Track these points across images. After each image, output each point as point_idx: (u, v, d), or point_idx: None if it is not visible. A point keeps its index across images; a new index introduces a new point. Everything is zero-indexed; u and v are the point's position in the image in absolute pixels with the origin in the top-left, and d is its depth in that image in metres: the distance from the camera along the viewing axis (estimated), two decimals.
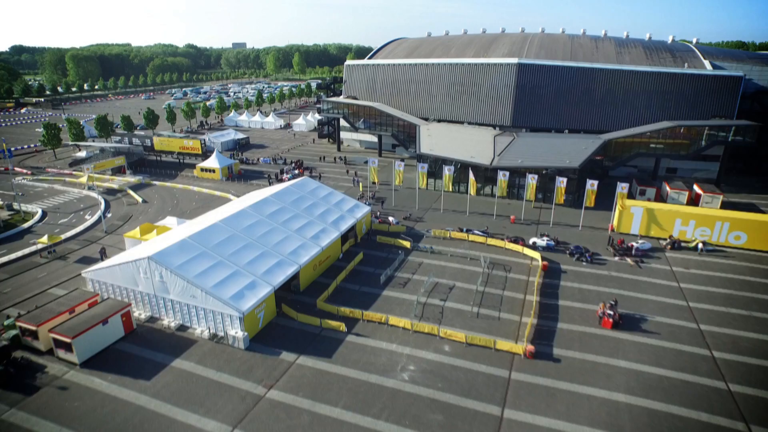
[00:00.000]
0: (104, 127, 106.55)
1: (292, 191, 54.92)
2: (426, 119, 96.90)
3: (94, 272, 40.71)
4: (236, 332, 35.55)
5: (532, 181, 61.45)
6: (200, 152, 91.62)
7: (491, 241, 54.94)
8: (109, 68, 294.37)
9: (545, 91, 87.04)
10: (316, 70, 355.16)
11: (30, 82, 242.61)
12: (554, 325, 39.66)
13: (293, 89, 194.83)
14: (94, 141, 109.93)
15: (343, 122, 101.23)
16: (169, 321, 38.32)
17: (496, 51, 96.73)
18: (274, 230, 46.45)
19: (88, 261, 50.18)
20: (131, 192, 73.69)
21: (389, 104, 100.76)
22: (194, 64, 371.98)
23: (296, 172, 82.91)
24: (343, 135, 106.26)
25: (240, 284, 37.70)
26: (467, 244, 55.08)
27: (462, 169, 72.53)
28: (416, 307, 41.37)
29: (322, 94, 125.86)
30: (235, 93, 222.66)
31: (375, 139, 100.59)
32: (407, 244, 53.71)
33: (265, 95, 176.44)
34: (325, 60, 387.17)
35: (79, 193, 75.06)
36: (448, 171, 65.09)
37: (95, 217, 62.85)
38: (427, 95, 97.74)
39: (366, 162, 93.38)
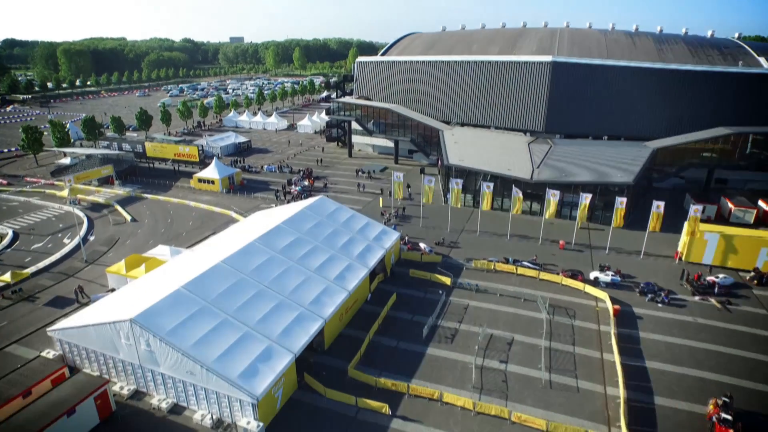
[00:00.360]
0: (92, 130, 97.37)
1: (307, 216, 46.08)
2: (447, 123, 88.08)
3: (63, 332, 31.92)
4: (248, 422, 26.91)
5: (585, 200, 52.78)
6: (197, 160, 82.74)
7: (544, 276, 46.33)
8: (103, 63, 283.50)
9: (582, 93, 78.20)
10: (317, 65, 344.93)
11: (19, 78, 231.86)
12: (650, 400, 31.16)
13: (295, 86, 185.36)
14: (81, 145, 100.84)
15: (355, 125, 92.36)
16: (159, 400, 29.64)
17: (523, 47, 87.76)
18: (289, 270, 37.68)
19: (61, 304, 41.37)
20: (119, 208, 64.75)
21: (406, 106, 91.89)
22: (191, 59, 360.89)
23: (306, 183, 74.14)
24: (355, 139, 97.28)
25: (252, 353, 28.99)
26: (516, 278, 46.47)
27: (497, 182, 63.97)
28: (473, 374, 32.85)
29: (330, 93, 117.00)
30: (234, 90, 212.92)
31: (390, 144, 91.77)
32: (447, 281, 45.01)
33: (266, 92, 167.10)
34: (326, 55, 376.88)
35: (59, 209, 66.02)
36: (487, 188, 56.27)
37: (74, 242, 53.95)
38: (449, 96, 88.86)
39: (382, 170, 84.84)
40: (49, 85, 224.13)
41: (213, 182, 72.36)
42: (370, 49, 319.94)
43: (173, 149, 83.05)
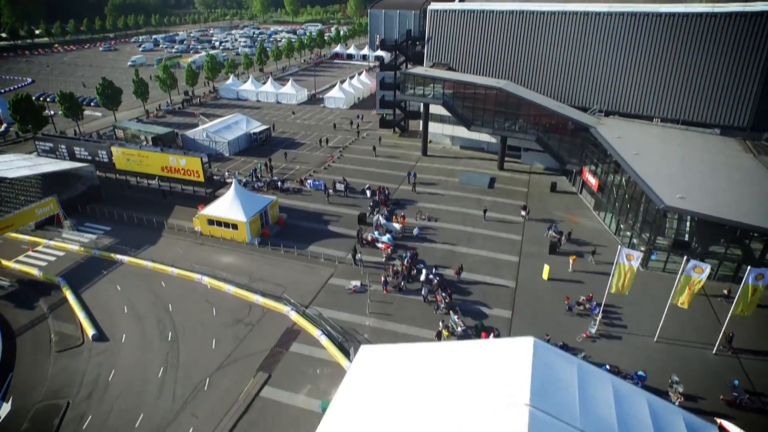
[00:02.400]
0: (31, 116, 64.23)
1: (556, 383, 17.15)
2: (583, 110, 57.78)
3: None
4: None
5: None
6: (201, 176, 49.01)
7: None
8: (57, 8, 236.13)
9: None
10: (309, 10, 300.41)
11: None
12: None
13: (302, 38, 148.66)
14: (3, 139, 67.76)
15: (435, 108, 61.19)
16: None
17: None
18: None
19: None
20: (71, 302, 34.21)
21: (518, 82, 61.05)
22: (163, 3, 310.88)
23: (396, 226, 43.78)
24: (414, 124, 66.34)
25: None
26: None
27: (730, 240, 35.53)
28: None
29: (383, 55, 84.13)
30: (221, 43, 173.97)
31: (476, 135, 61.40)
32: None
33: (268, 47, 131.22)
34: None
35: None
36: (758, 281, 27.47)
37: None
38: (587, 69, 57.83)
39: (491, 185, 53.82)
40: None
41: (235, 226, 41.94)
42: None
43: (160, 160, 49.48)
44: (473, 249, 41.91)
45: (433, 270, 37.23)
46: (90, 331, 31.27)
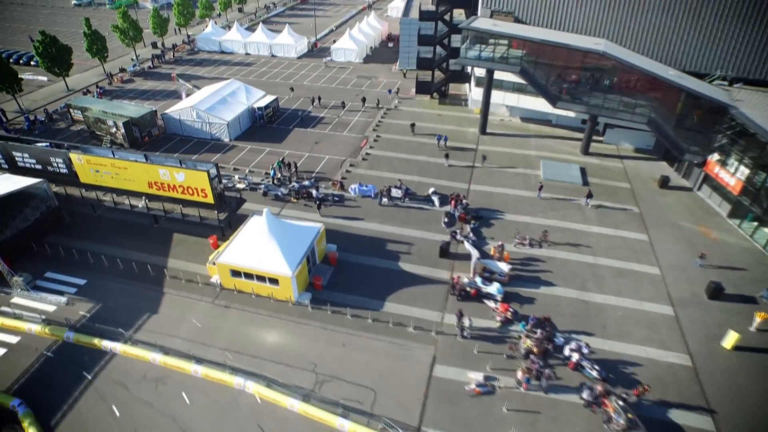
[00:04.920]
0: None
1: None
2: (698, 77, 44.45)
3: None
4: None
5: None
6: (209, 196, 32.53)
7: None
8: None
9: None
10: None
11: None
12: None
13: None
14: None
15: (503, 74, 46.84)
16: None
17: None
18: None
19: None
20: None
21: (612, 39, 46.86)
22: None
23: (503, 267, 30.56)
24: (455, 88, 51.97)
25: None
26: None
27: None
28: None
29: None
30: None
31: (540, 106, 47.95)
32: None
33: None
34: None
35: None
36: None
37: None
38: (706, 22, 43.82)
39: (586, 183, 39.40)
40: None
41: (276, 282, 28.72)
42: None
43: (145, 174, 32.66)
44: (607, 295, 30.30)
45: (582, 347, 25.66)
46: None
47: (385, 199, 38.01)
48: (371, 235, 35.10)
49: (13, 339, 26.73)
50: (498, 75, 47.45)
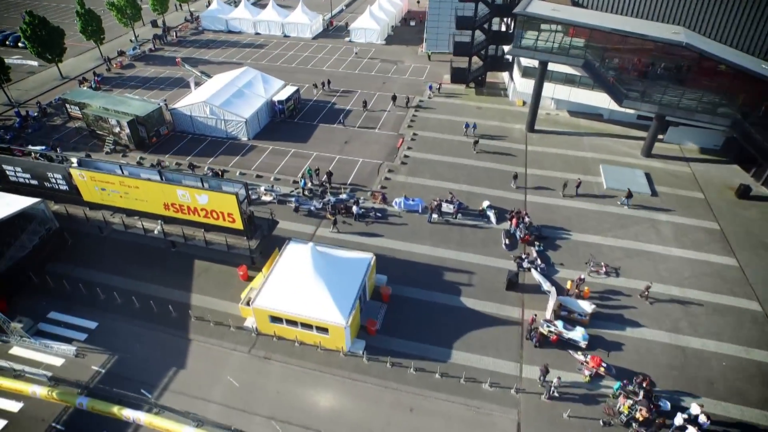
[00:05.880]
0: None
1: None
2: None
3: None
4: None
5: None
6: (237, 221, 27.32)
7: None
8: None
9: None
10: None
11: None
12: None
13: None
14: None
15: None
16: None
17: None
18: None
19: None
20: None
21: (692, 28, 41.11)
22: None
23: (586, 307, 25.58)
24: (494, 77, 46.28)
25: None
26: None
27: None
28: None
29: None
30: None
31: (595, 98, 42.58)
32: None
33: None
34: None
35: None
36: None
37: None
38: None
39: (652, 189, 33.53)
40: None
41: (325, 330, 24.28)
42: None
43: (161, 194, 27.64)
44: (705, 339, 25.94)
45: (699, 418, 21.48)
46: None
47: (435, 216, 33.23)
48: (424, 261, 30.44)
49: (15, 406, 22.32)
50: (549, 65, 41.91)
